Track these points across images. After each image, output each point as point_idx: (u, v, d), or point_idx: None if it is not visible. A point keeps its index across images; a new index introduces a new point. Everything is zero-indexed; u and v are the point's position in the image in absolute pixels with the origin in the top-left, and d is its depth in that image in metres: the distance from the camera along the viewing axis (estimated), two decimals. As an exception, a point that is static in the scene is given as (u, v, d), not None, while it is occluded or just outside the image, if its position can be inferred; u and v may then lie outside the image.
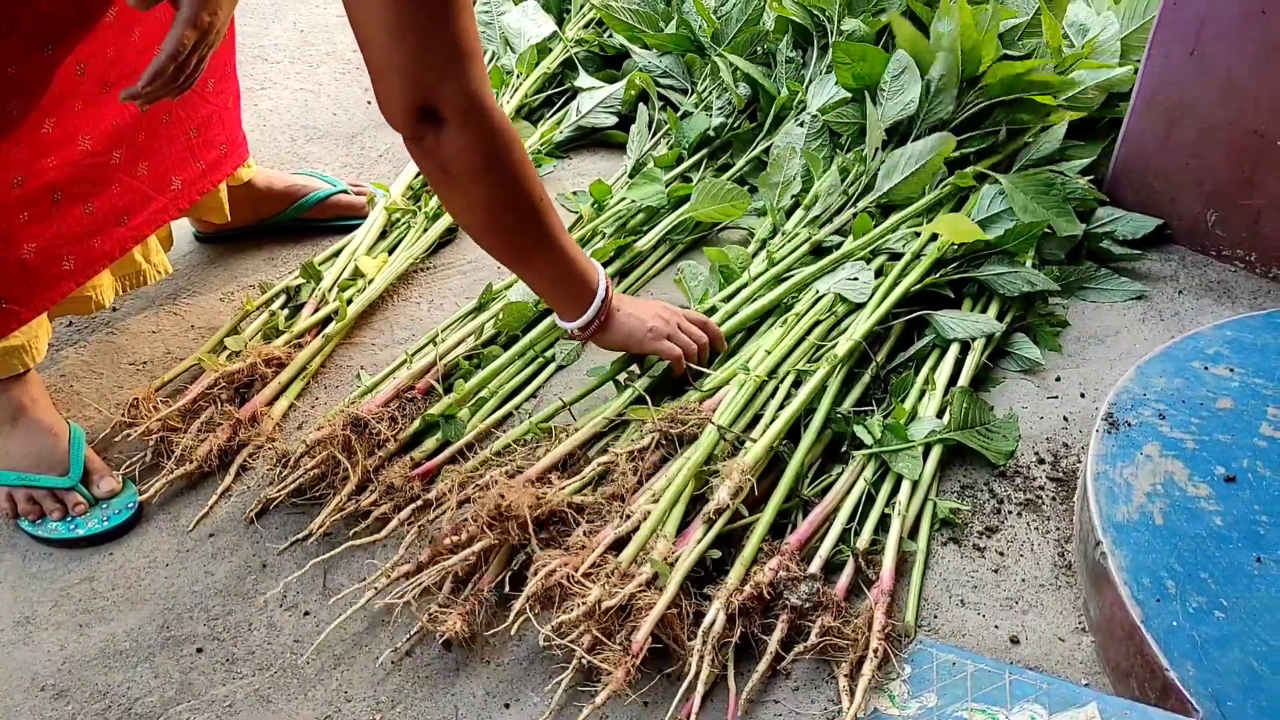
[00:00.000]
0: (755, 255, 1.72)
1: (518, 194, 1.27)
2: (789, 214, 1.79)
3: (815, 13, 2.03)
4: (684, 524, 1.31)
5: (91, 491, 1.40)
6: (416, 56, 1.12)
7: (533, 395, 1.58)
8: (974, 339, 1.58)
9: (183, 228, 1.85)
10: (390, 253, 1.78)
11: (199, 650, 1.26)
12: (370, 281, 1.71)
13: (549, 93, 2.19)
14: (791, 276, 1.64)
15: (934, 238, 1.64)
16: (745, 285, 1.65)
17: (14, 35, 1.21)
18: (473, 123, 1.18)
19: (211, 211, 1.67)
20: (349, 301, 1.66)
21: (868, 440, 1.42)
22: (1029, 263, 1.67)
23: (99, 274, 1.46)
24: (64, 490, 1.39)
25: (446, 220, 1.86)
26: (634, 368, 1.55)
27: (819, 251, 1.72)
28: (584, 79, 2.17)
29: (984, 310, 1.64)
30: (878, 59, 1.79)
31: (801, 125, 1.88)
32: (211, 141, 1.58)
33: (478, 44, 1.16)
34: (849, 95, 1.87)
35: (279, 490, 1.38)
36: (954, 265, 1.65)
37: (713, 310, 1.62)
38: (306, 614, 1.30)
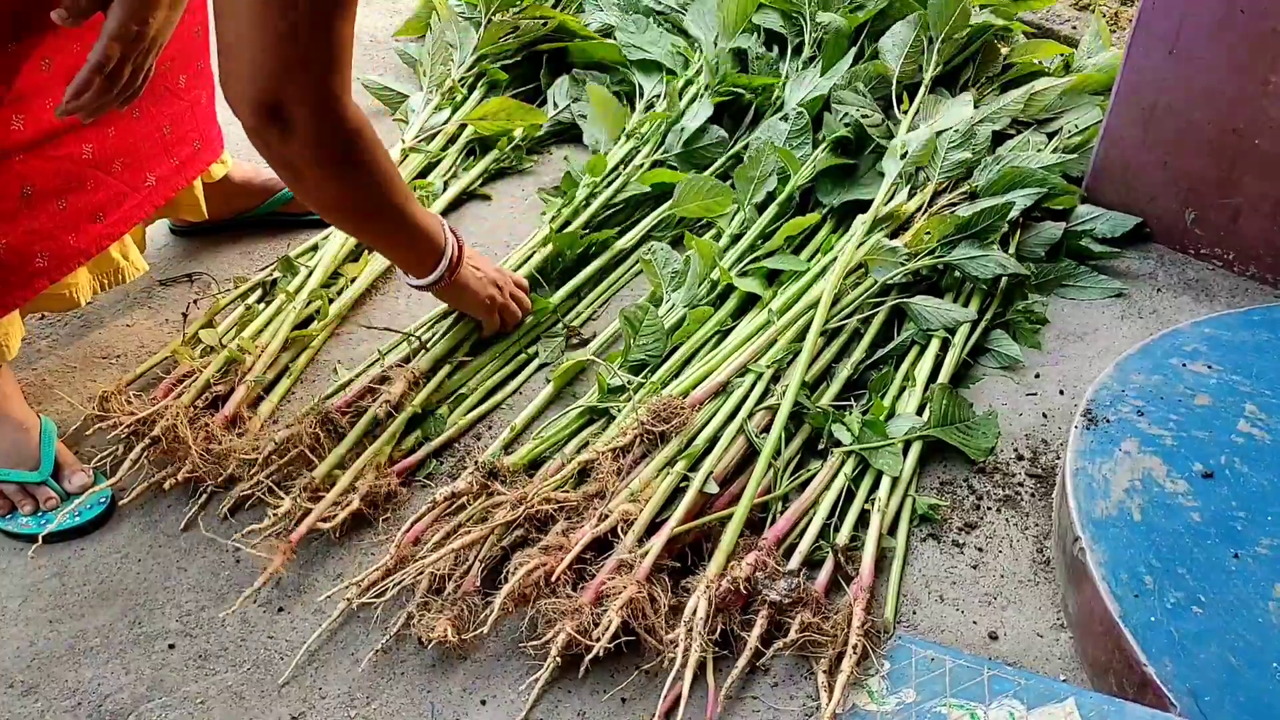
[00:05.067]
0: (726, 250, 1.71)
1: (371, 190, 1.26)
2: (761, 208, 1.78)
3: (791, 11, 2.04)
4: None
5: (63, 486, 1.38)
6: (274, 50, 1.05)
7: (516, 391, 1.57)
8: (949, 328, 1.58)
9: (158, 221, 1.82)
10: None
11: (171, 646, 1.24)
12: (353, 280, 1.69)
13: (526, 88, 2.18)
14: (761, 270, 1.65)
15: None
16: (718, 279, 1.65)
17: None
18: (321, 128, 1.14)
19: (187, 209, 1.65)
20: (331, 300, 1.64)
21: (846, 439, 1.41)
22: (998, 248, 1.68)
23: (74, 271, 1.44)
24: (35, 485, 1.37)
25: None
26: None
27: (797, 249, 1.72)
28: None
29: (965, 304, 1.64)
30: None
31: (785, 120, 1.87)
32: (185, 138, 1.55)
33: (348, 55, 1.10)
34: (826, 94, 1.88)
35: (251, 487, 1.37)
36: (929, 253, 1.65)
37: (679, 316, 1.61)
38: (281, 610, 1.28)
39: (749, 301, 1.63)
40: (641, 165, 1.89)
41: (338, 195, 1.26)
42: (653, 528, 1.29)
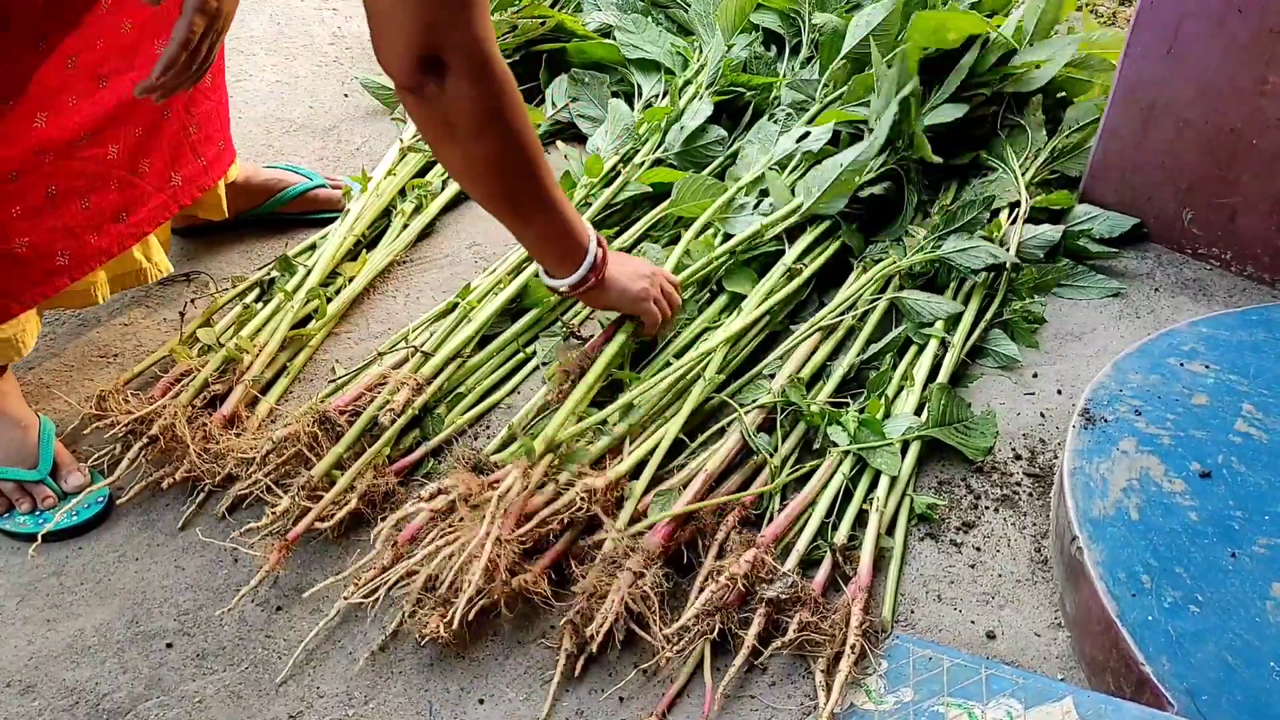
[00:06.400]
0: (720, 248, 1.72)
1: (519, 149, 1.23)
2: (754, 208, 1.78)
3: (788, 11, 2.04)
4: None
5: (60, 485, 1.38)
6: (426, 3, 1.08)
7: (514, 391, 1.57)
8: (941, 322, 1.58)
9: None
10: (369, 249, 1.77)
11: (169, 645, 1.24)
12: (351, 280, 1.69)
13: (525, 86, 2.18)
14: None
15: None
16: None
17: (6, 32, 1.19)
18: (478, 73, 1.14)
19: (211, 209, 1.65)
20: (329, 300, 1.64)
21: (843, 439, 1.41)
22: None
23: (95, 270, 1.43)
24: (32, 484, 1.37)
25: (427, 216, 1.84)
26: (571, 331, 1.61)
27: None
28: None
29: (964, 303, 1.64)
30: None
31: (775, 122, 1.87)
32: (211, 137, 1.55)
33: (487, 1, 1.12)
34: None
35: (248, 486, 1.36)
36: (919, 250, 1.65)
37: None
38: (279, 609, 1.28)
39: (740, 299, 1.63)
40: (642, 164, 1.88)
41: (491, 150, 1.22)
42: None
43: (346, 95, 2.22)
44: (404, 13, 1.09)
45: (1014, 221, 1.76)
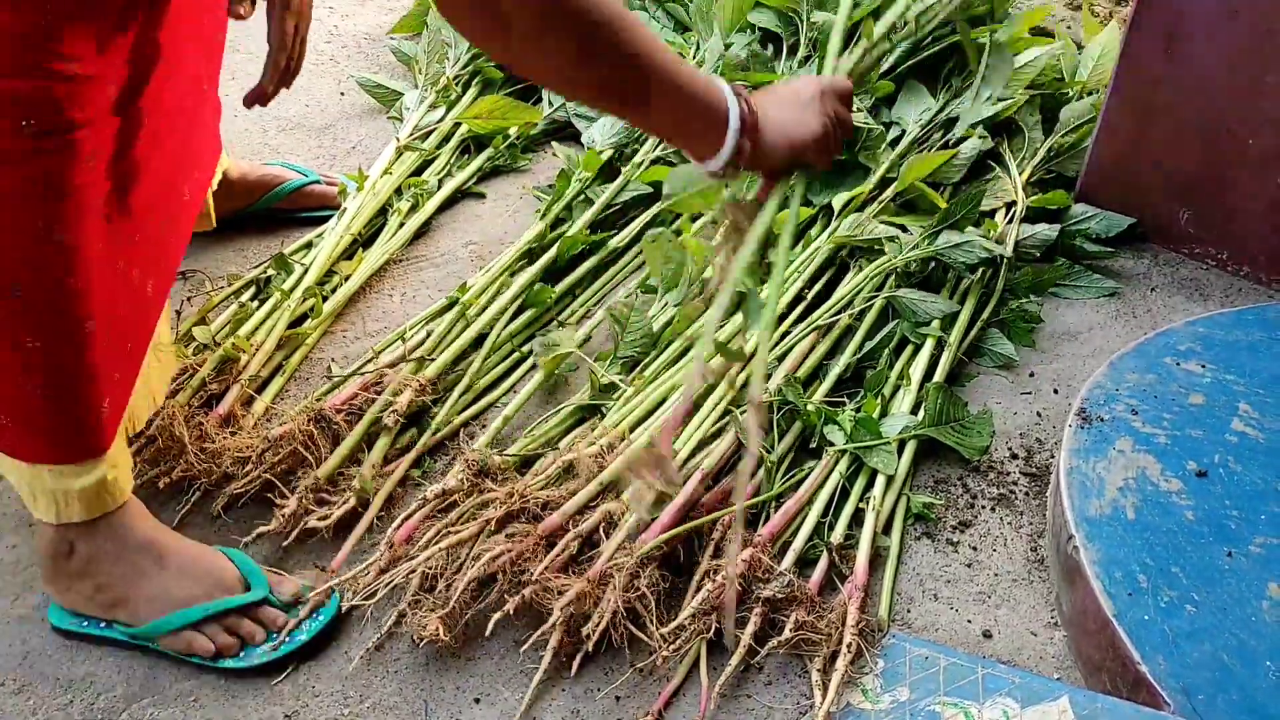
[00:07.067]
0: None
1: (600, 29, 0.96)
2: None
3: (786, 10, 2.04)
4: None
5: (280, 600, 1.25)
6: None
7: (510, 390, 1.57)
8: (935, 319, 1.58)
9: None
10: (365, 247, 1.77)
11: (164, 644, 1.24)
12: (347, 278, 1.69)
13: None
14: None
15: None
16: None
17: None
18: None
19: (201, 219, 1.60)
20: (325, 299, 1.64)
21: (839, 439, 1.41)
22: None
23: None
24: (255, 607, 1.22)
25: (424, 215, 1.84)
26: None
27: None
28: None
29: (960, 302, 1.64)
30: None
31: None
32: (210, 145, 1.46)
33: None
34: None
35: (244, 485, 1.36)
36: (914, 246, 1.65)
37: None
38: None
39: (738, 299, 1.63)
40: (641, 164, 1.88)
41: (563, 43, 0.97)
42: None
43: (343, 94, 2.22)
44: None
45: (1010, 221, 1.76)
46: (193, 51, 1.19)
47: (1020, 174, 1.84)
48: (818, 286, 1.60)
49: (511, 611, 1.20)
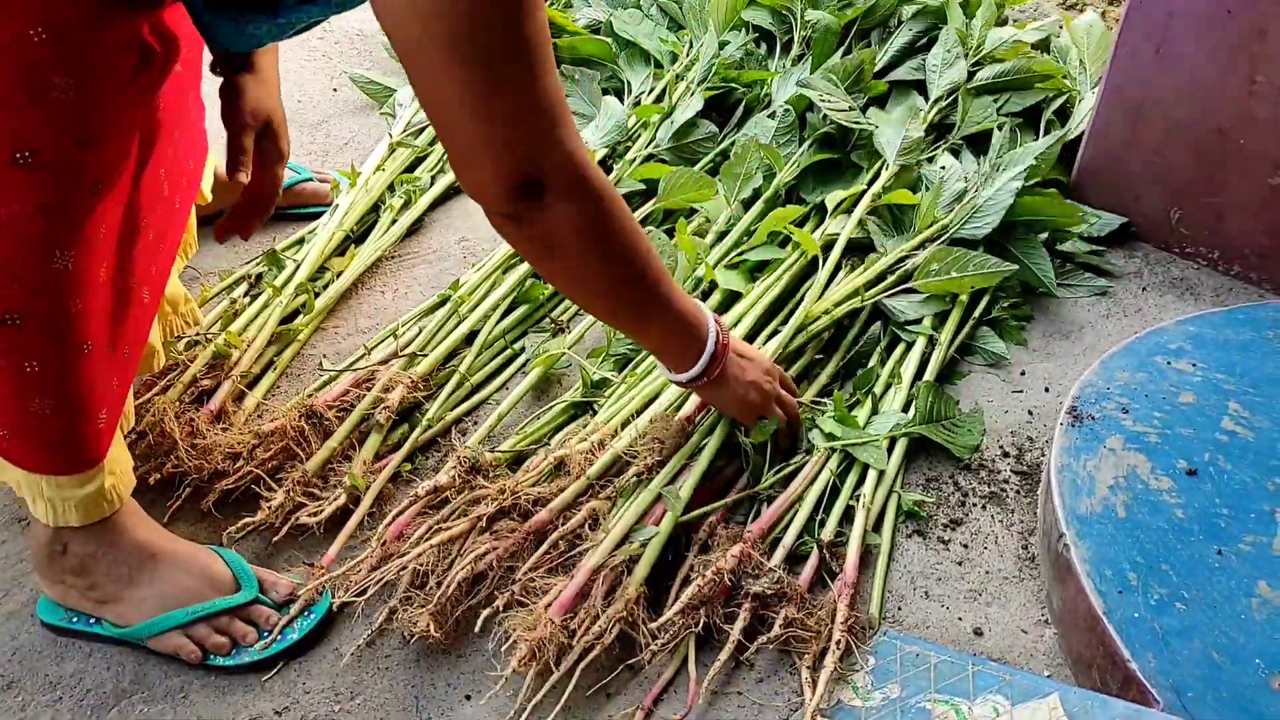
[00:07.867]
0: (712, 247, 1.71)
1: (629, 260, 1.14)
2: (748, 205, 1.78)
3: (780, 9, 2.04)
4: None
5: (272, 600, 1.25)
6: (512, 124, 0.97)
7: (502, 388, 1.56)
8: (925, 317, 1.58)
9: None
10: (357, 244, 1.76)
11: (154, 640, 1.24)
12: (339, 275, 1.68)
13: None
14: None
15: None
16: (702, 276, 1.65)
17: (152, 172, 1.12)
18: (578, 190, 1.04)
19: (188, 244, 1.59)
20: (317, 295, 1.64)
21: (820, 443, 1.40)
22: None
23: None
24: (246, 607, 1.23)
25: (416, 211, 1.84)
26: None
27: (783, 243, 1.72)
28: None
29: (950, 301, 1.64)
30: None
31: (772, 117, 1.88)
32: (199, 166, 1.44)
33: (565, 103, 1.01)
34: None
35: (235, 481, 1.36)
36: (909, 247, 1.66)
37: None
38: (265, 604, 1.28)
39: (733, 298, 1.63)
40: (633, 161, 1.88)
41: (598, 268, 1.13)
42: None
43: (335, 90, 2.22)
44: (495, 141, 0.98)
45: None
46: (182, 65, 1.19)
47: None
48: (808, 285, 1.60)
49: (500, 608, 1.20)
